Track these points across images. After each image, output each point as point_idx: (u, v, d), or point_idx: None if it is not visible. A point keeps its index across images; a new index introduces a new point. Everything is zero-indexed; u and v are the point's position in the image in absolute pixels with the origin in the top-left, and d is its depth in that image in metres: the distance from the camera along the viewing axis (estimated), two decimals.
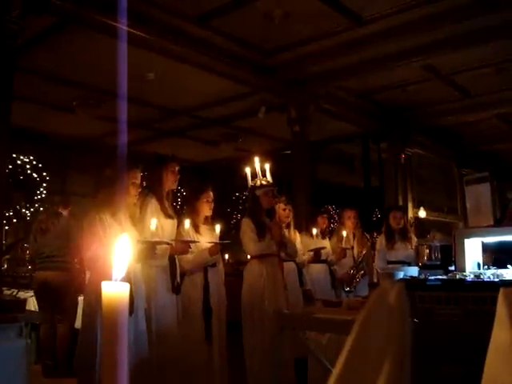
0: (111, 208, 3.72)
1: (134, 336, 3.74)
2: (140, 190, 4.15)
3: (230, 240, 5.02)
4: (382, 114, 10.82)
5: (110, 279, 0.83)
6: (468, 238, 4.10)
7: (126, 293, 0.80)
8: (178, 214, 4.75)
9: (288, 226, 5.82)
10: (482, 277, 3.46)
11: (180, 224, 4.61)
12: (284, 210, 5.79)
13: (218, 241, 4.67)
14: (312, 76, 8.71)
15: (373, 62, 8.07)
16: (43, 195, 11.45)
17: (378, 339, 0.79)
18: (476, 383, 1.24)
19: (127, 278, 0.84)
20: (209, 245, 4.59)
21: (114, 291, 0.80)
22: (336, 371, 0.82)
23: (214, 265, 4.74)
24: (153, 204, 4.34)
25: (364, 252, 6.47)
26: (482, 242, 4.19)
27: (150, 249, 4.00)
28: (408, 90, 9.51)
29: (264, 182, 4.67)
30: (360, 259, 6.38)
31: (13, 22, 5.51)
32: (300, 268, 5.91)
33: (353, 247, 6.53)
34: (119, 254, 0.84)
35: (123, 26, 6.17)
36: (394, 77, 8.87)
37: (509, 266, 3.75)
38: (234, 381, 4.83)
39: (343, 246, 6.20)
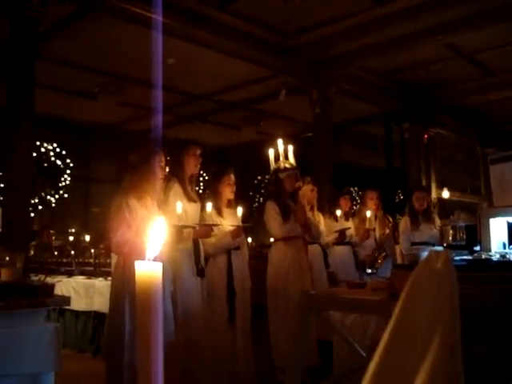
0: (138, 193, 3.73)
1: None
2: (165, 173, 4.14)
3: (251, 223, 5.02)
4: (403, 94, 10.71)
5: None
6: (493, 217, 4.07)
7: (160, 272, 0.80)
8: (201, 199, 4.76)
9: (312, 208, 5.81)
10: (507, 256, 3.43)
11: (203, 208, 4.62)
12: (312, 191, 5.76)
13: (240, 224, 4.69)
14: (333, 57, 8.64)
15: (394, 42, 7.97)
16: (67, 182, 11.59)
17: (427, 306, 0.78)
18: (502, 362, 1.24)
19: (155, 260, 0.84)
20: (231, 228, 4.61)
21: (148, 270, 0.80)
22: (381, 347, 0.82)
23: (237, 248, 4.74)
24: (176, 188, 4.36)
25: (386, 233, 6.45)
26: (508, 222, 4.15)
27: (177, 232, 4.03)
28: (430, 70, 9.37)
29: (287, 165, 4.66)
30: (382, 241, 6.36)
31: (34, 9, 5.56)
32: (325, 250, 5.91)
33: (374, 229, 6.49)
34: (154, 235, 0.84)
35: (144, 12, 6.18)
36: (416, 56, 8.75)
37: None
38: (258, 363, 4.85)
39: (367, 226, 6.18)
